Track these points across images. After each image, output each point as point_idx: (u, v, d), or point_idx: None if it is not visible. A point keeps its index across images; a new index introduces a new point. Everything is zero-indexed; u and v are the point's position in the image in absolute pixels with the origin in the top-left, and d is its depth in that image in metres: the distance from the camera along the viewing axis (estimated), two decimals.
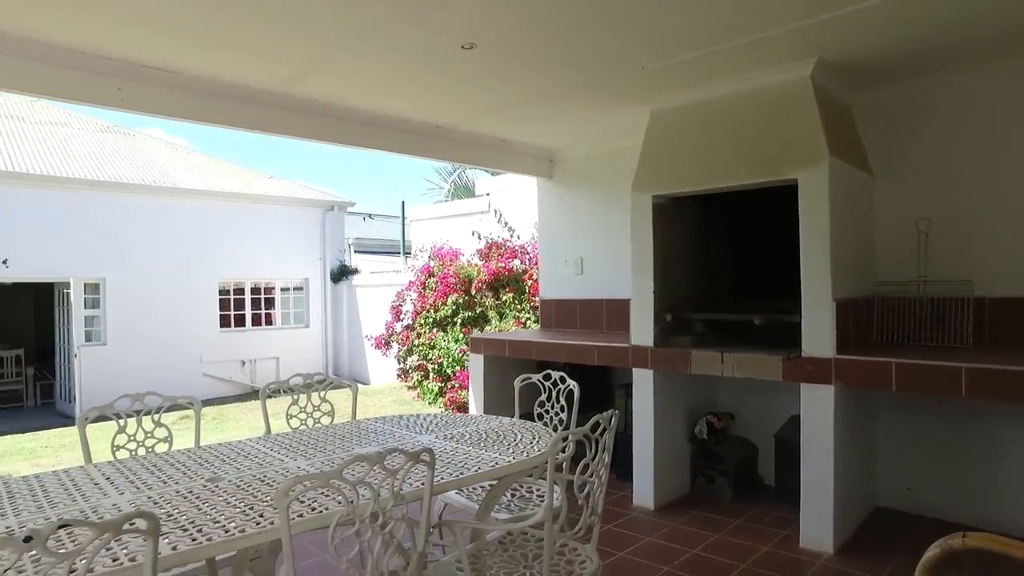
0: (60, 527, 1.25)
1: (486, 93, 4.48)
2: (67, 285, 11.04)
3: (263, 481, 2.26)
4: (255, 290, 13.37)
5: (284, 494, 1.63)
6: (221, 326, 12.76)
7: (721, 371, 4.21)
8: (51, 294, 13.07)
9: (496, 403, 5.77)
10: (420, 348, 9.61)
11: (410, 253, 16.33)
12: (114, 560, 1.54)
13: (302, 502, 1.95)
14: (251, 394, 12.86)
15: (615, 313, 5.89)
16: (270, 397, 3.49)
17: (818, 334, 3.77)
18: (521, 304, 8.88)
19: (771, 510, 4.51)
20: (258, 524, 1.82)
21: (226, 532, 1.76)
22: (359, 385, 13.86)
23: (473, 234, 9.72)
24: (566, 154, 6.39)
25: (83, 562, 1.32)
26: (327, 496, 2.01)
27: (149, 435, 2.98)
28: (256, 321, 13.39)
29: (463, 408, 8.61)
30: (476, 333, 7.59)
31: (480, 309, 9.23)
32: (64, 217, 10.94)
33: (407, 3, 3.04)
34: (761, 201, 4.41)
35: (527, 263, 9.21)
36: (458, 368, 8.88)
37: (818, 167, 3.74)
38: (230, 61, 3.81)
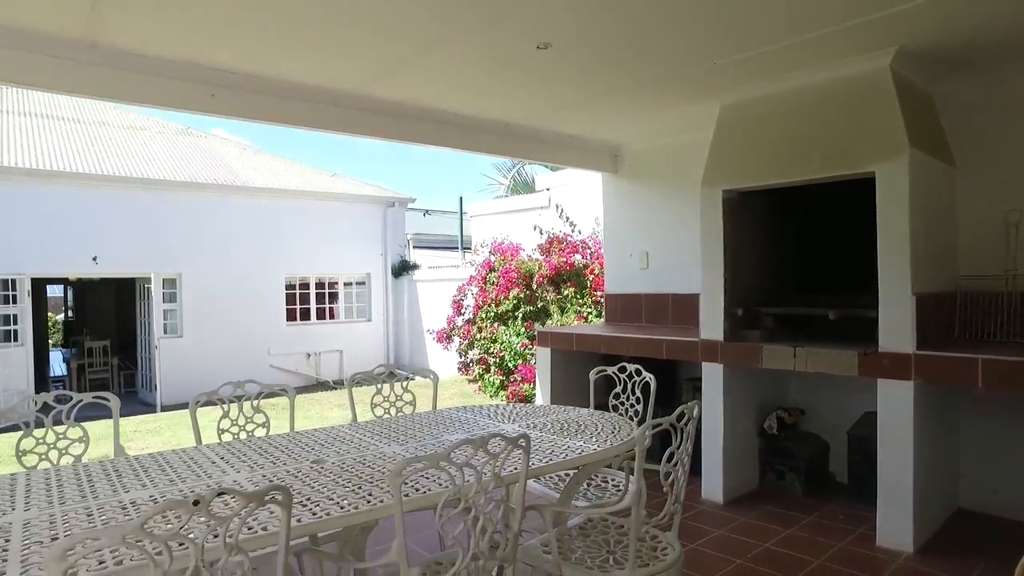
0: (219, 494, 1.39)
1: (558, 91, 4.56)
2: (148, 280, 11.64)
3: (363, 464, 2.40)
4: (319, 285, 13.80)
5: (397, 474, 1.76)
6: (287, 320, 13.23)
7: (793, 366, 4.19)
8: (132, 289, 13.80)
9: (562, 395, 5.86)
10: (481, 342, 9.77)
11: (468, 248, 16.57)
12: (248, 529, 1.69)
13: (406, 483, 2.08)
14: (315, 385, 13.30)
15: (681, 307, 5.90)
16: (357, 385, 3.64)
17: (897, 329, 3.71)
18: (583, 298, 8.93)
19: (844, 507, 4.46)
20: (369, 502, 1.96)
21: (341, 508, 1.90)
22: (419, 377, 14.07)
23: (535, 229, 9.81)
24: (631, 149, 6.41)
25: (235, 525, 1.46)
26: (428, 479, 2.14)
27: (249, 420, 3.16)
28: (320, 315, 13.82)
29: (526, 401, 8.73)
30: (543, 327, 7.67)
31: (541, 304, 9.32)
32: (145, 215, 11.52)
33: (485, 9, 3.15)
34: (831, 194, 4.35)
35: (588, 258, 9.25)
36: (520, 362, 8.99)
37: (898, 159, 3.68)
38: (314, 66, 3.99)
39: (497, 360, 9.44)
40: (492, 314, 9.75)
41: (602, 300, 8.70)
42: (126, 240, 11.33)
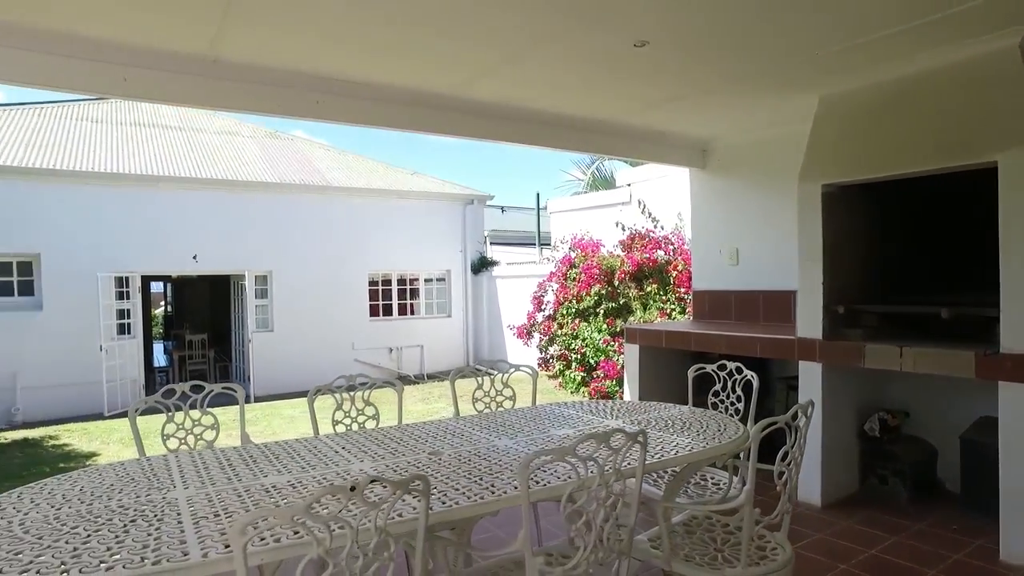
0: (371, 481, 1.49)
1: (651, 88, 4.54)
2: (242, 277, 12.26)
3: (479, 456, 2.49)
4: (401, 281, 14.17)
5: (526, 466, 1.82)
6: (370, 315, 13.65)
7: (900, 366, 4.03)
8: (225, 285, 14.60)
9: (650, 392, 5.83)
10: (562, 338, 9.81)
11: (546, 244, 16.63)
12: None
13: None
14: (398, 379, 13.64)
15: (774, 304, 5.76)
16: (463, 377, 3.75)
17: (1022, 329, 3.51)
18: (666, 295, 8.84)
19: (957, 517, 4.25)
20: (492, 492, 2.03)
21: (468, 498, 1.99)
22: (500, 373, 14.20)
23: (617, 225, 9.75)
24: (721, 143, 6.29)
25: (383, 511, 1.56)
26: (546, 472, 2.20)
27: (360, 412, 3.32)
28: (402, 311, 14.19)
29: (608, 398, 8.72)
30: (631, 324, 7.64)
31: (623, 300, 9.27)
32: (239, 216, 12.14)
33: (583, 9, 3.17)
34: (938, 188, 4.15)
35: (671, 254, 9.14)
36: (602, 358, 8.98)
37: None
38: (412, 71, 4.12)
39: (578, 356, 9.46)
40: (573, 310, 9.77)
41: (686, 297, 8.59)
42: (222, 240, 11.97)
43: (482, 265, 14.74)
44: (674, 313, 8.53)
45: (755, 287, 5.96)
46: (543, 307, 11.03)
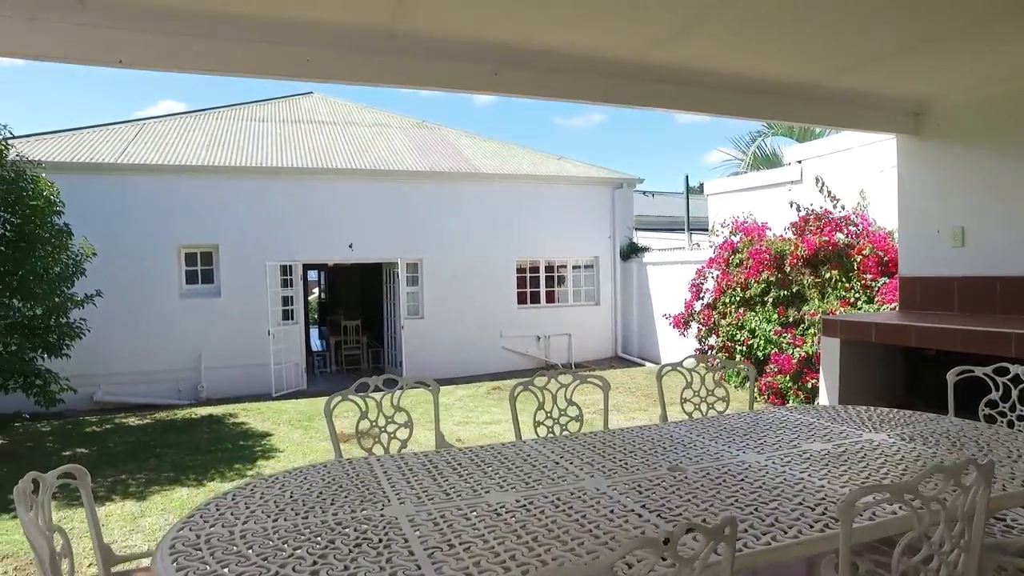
0: (687, 531, 1.11)
1: (861, 42, 3.84)
2: (394, 265, 12.53)
3: (731, 475, 2.06)
4: (548, 268, 13.92)
5: (851, 505, 1.37)
6: (518, 303, 13.51)
7: None
8: (376, 272, 15.06)
9: (855, 394, 5.10)
10: (725, 328, 9.09)
11: (698, 229, 15.77)
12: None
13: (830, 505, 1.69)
14: (545, 368, 13.43)
15: (1015, 293, 4.82)
16: (666, 374, 3.33)
17: None
18: (848, 282, 7.89)
19: None
20: (785, 531, 1.59)
21: (756, 538, 1.56)
22: (648, 363, 13.96)
23: (791, 206, 8.86)
24: (941, 104, 5.37)
25: (695, 569, 1.18)
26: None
27: (563, 413, 2.99)
28: (549, 299, 13.94)
29: (780, 395, 7.94)
30: (832, 315, 6.86)
31: (796, 288, 8.41)
32: (391, 205, 12.40)
33: None
34: None
35: (853, 237, 8.16)
36: (773, 350, 8.20)
37: None
38: (594, 35, 3.71)
39: (743, 348, 8.72)
40: (737, 298, 9.02)
41: (874, 284, 7.61)
42: (376, 228, 12.28)
43: (631, 251, 14.16)
44: (859, 303, 7.58)
45: (987, 272, 5.03)
46: (702, 295, 10.34)
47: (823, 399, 5.39)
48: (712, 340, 9.71)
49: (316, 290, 27.10)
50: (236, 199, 11.49)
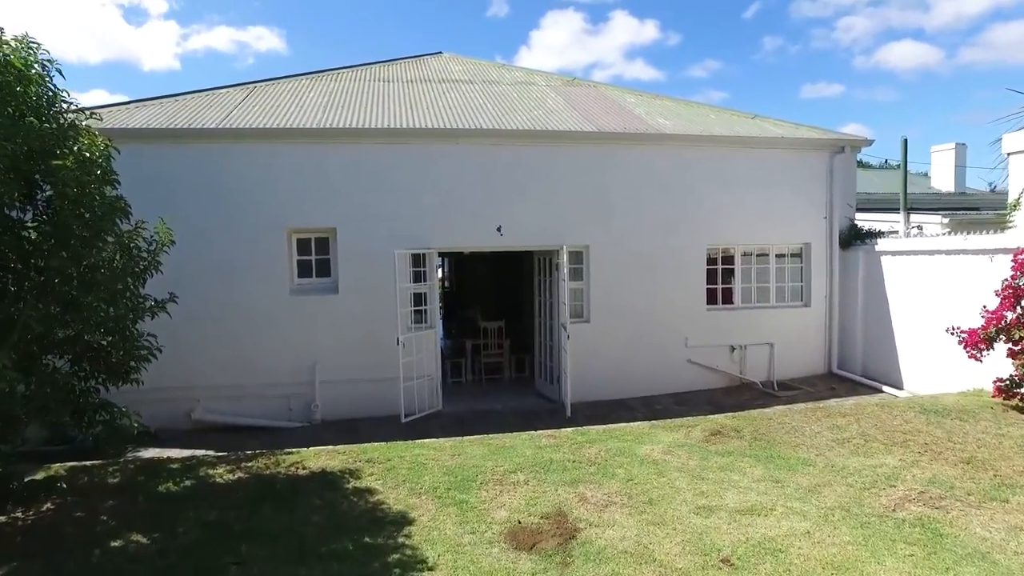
0: None
1: None
2: (551, 254, 9.79)
3: None
4: (745, 258, 10.70)
5: None
6: (707, 303, 10.41)
7: None
8: (514, 257, 12.39)
9: None
10: None
11: (918, 209, 11.98)
12: None
13: None
14: (740, 388, 10.32)
15: None
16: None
17: None
18: None
19: None
20: None
21: None
22: (887, 388, 10.01)
23: None
24: None
25: None
26: None
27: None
28: (745, 297, 10.73)
29: None
30: None
31: None
32: (548, 176, 9.66)
33: None
34: None
35: None
36: None
37: None
38: None
39: None
40: None
41: None
42: (529, 207, 9.59)
43: (854, 237, 10.66)
44: None
45: None
46: (1022, 301, 6.92)
47: None
48: None
49: (439, 273, 24.50)
50: (357, 172, 9.16)
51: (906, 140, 11.88)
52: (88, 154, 4.45)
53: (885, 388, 9.71)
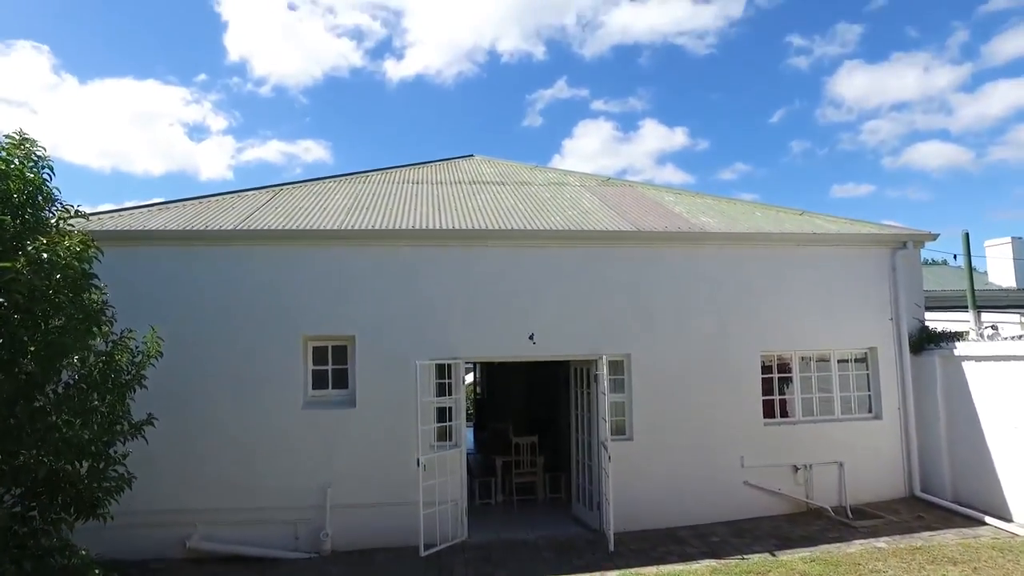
0: None
1: None
2: (589, 364, 8.93)
3: None
4: (804, 364, 9.66)
5: None
6: (764, 416, 9.31)
7: None
8: (548, 366, 11.51)
9: None
10: None
11: (987, 307, 10.83)
12: None
13: None
14: (807, 515, 9.00)
15: None
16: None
17: None
18: None
19: None
20: None
21: None
22: (991, 519, 8.17)
23: None
24: None
25: None
26: None
27: None
28: (807, 409, 9.60)
29: None
30: None
31: None
32: (583, 280, 8.96)
33: None
34: None
35: None
36: None
37: None
38: None
39: None
40: None
41: None
42: (563, 312, 8.85)
43: (926, 340, 9.60)
44: None
45: None
46: None
47: None
48: None
49: (469, 377, 23.61)
50: (379, 276, 8.58)
51: (967, 234, 11.03)
52: (47, 255, 3.87)
53: (988, 519, 8.31)
